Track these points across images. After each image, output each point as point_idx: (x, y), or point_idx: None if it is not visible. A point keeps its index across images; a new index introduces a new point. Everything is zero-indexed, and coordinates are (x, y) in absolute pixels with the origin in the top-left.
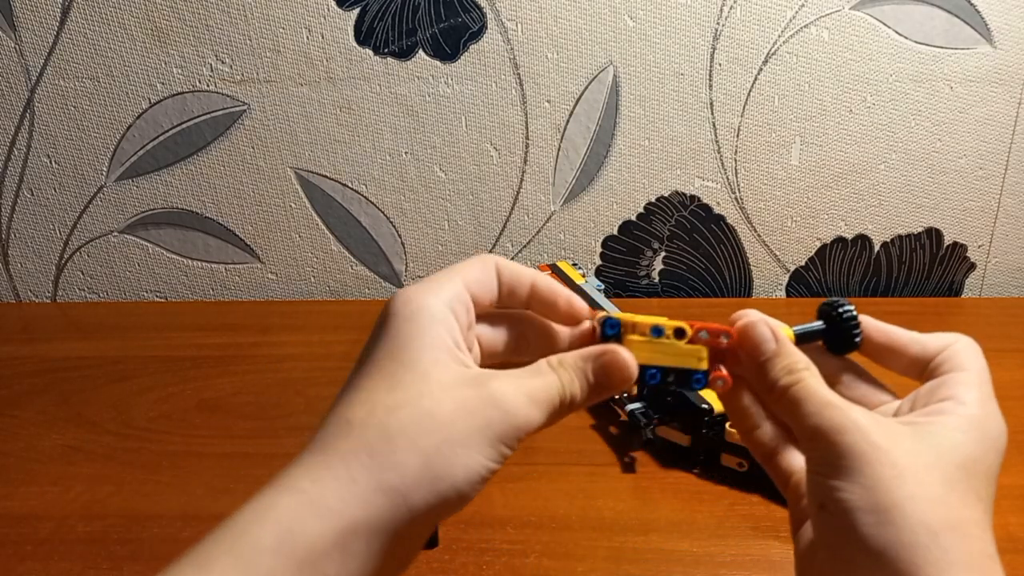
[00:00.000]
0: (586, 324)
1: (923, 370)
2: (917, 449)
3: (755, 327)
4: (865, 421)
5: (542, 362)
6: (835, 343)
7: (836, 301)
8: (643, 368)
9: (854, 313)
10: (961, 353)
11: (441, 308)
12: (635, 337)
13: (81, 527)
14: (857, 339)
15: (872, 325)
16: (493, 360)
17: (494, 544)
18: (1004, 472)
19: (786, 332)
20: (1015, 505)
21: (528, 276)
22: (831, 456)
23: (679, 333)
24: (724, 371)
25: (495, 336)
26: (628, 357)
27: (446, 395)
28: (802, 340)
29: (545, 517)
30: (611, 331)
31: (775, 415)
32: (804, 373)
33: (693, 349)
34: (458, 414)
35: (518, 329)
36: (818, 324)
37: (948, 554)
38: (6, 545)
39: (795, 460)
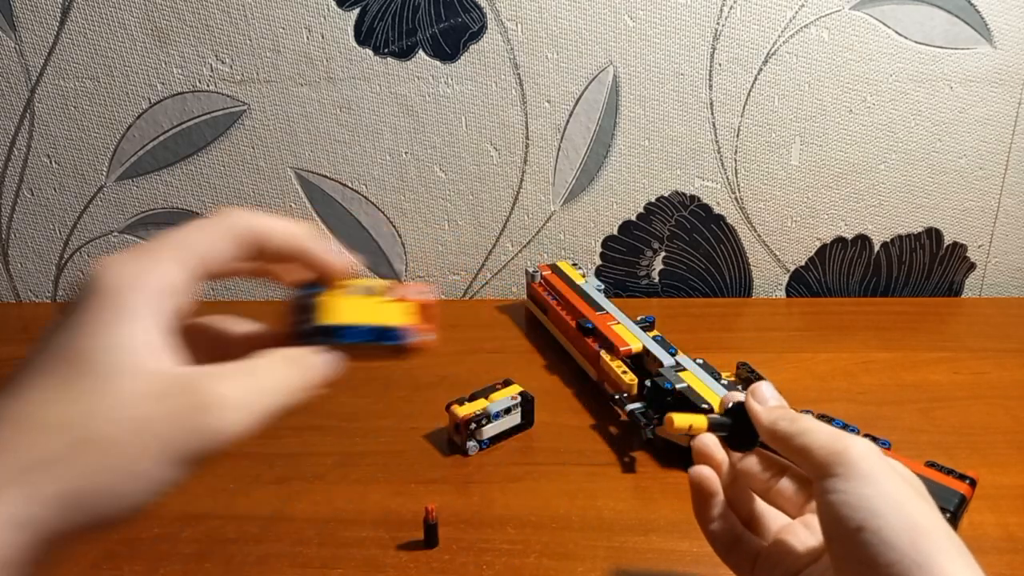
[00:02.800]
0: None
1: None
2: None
3: (764, 385)
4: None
5: (262, 359)
6: (737, 441)
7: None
8: (346, 328)
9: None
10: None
11: (158, 292)
12: (335, 295)
13: None
14: (756, 438)
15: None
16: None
17: (494, 544)
18: (1004, 472)
19: (699, 420)
20: (1015, 505)
21: (280, 234)
22: (856, 474)
23: (388, 291)
24: (428, 325)
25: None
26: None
27: (125, 412)
28: (713, 427)
29: (545, 517)
30: (311, 289)
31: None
32: (807, 416)
33: (401, 307)
34: (134, 435)
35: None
36: (726, 419)
37: (963, 556)
38: None
39: (754, 542)
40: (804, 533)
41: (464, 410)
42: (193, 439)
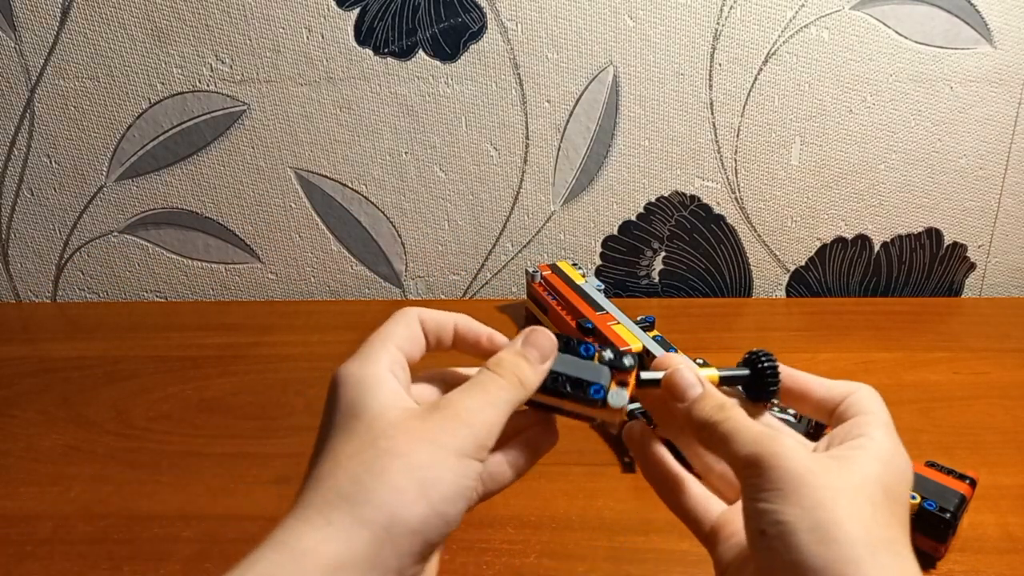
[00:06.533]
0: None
1: (831, 413)
2: (844, 475)
3: (680, 373)
4: (798, 448)
5: (480, 369)
6: (755, 391)
7: (760, 352)
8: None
9: (776, 364)
10: (865, 399)
11: (382, 373)
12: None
13: (81, 527)
14: (774, 388)
15: (787, 372)
16: None
17: (494, 544)
18: (1004, 472)
19: (710, 376)
20: (1015, 505)
21: (450, 320)
22: (769, 480)
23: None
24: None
25: (432, 391)
26: (544, 329)
27: (399, 430)
28: (725, 382)
29: (545, 517)
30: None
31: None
32: (733, 411)
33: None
34: (414, 442)
35: (450, 380)
36: (743, 371)
37: (885, 570)
38: (6, 545)
39: (712, 506)
40: None
41: None
42: (450, 434)
